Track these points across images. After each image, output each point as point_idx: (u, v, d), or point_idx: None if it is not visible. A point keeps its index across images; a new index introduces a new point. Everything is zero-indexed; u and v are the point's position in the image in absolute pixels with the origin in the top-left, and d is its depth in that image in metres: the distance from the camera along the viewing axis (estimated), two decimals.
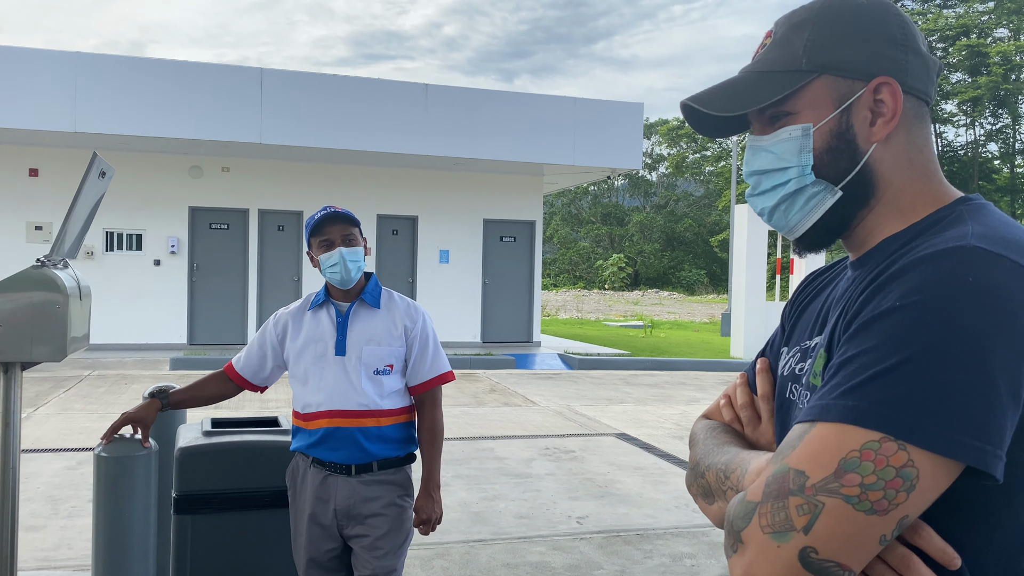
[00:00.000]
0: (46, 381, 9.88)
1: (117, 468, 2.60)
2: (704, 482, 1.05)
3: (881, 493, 0.77)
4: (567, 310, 27.68)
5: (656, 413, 9.06)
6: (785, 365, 1.09)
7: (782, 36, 1.00)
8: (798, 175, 0.99)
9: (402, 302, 2.67)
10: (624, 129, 13.93)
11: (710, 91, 1.03)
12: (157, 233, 13.23)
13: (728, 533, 0.87)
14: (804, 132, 0.98)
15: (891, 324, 0.81)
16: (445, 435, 2.75)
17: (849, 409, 0.80)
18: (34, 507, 5.06)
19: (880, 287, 0.86)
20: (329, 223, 2.56)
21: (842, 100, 0.96)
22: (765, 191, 1.03)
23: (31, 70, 11.30)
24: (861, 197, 0.98)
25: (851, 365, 0.83)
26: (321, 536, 2.55)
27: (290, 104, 12.24)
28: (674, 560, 4.42)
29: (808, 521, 0.79)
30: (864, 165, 0.96)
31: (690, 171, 50.29)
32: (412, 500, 2.63)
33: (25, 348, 2.71)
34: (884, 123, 0.95)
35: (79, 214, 2.92)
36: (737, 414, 1.15)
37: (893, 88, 0.95)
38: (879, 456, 0.78)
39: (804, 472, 0.80)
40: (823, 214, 0.99)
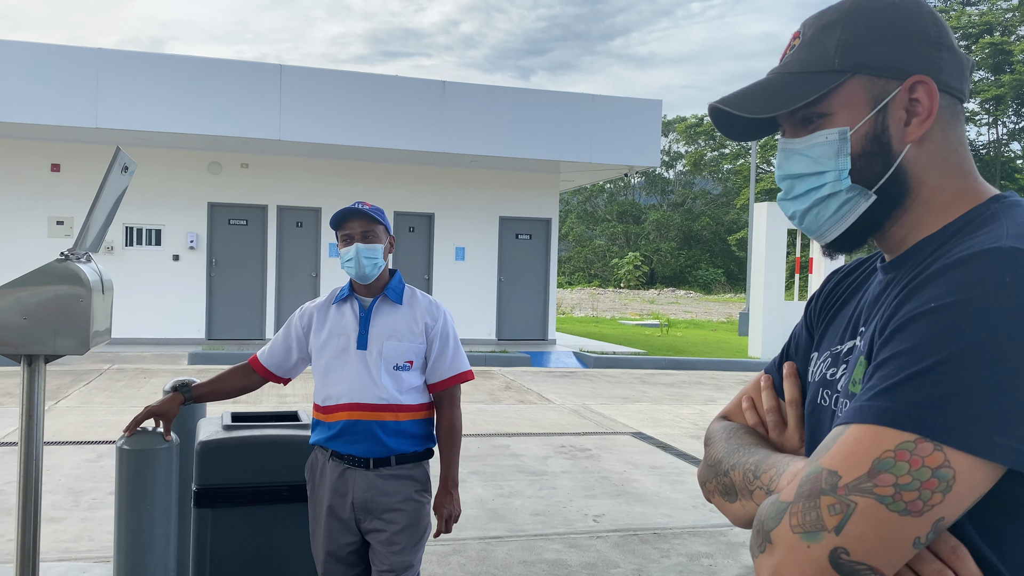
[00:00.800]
0: (67, 374, 9.98)
1: (139, 461, 2.62)
2: (727, 480, 1.04)
3: (916, 494, 0.76)
4: (582, 308, 27.64)
5: (673, 412, 9.03)
6: (815, 370, 1.07)
7: (812, 36, 0.99)
8: (834, 179, 0.97)
9: (424, 299, 2.68)
10: (642, 126, 13.87)
11: (740, 93, 1.00)
12: (176, 228, 13.32)
13: (757, 532, 0.86)
14: (841, 135, 0.96)
15: (927, 325, 0.80)
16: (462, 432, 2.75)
17: (884, 410, 0.79)
18: (55, 499, 5.11)
19: (915, 290, 0.85)
20: (350, 219, 2.61)
21: (877, 100, 0.94)
22: (798, 195, 1.01)
23: (53, 66, 11.41)
24: (896, 199, 0.96)
25: (887, 367, 0.82)
26: (339, 529, 2.56)
27: (309, 101, 12.28)
28: (691, 559, 4.40)
29: (840, 521, 0.78)
30: (898, 167, 0.95)
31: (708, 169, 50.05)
32: (430, 496, 2.64)
33: (48, 341, 2.74)
34: (919, 123, 0.94)
35: (102, 208, 2.94)
36: (762, 418, 1.13)
37: (929, 87, 0.93)
38: (914, 456, 0.76)
39: (837, 472, 0.79)
40: (856, 219, 0.97)
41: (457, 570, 4.14)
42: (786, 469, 0.95)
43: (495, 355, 12.61)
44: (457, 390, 2.68)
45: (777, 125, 1.04)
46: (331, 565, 2.58)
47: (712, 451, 1.11)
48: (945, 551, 0.82)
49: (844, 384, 0.97)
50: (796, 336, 1.17)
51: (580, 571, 4.19)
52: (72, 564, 3.86)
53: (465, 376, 2.67)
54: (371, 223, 2.61)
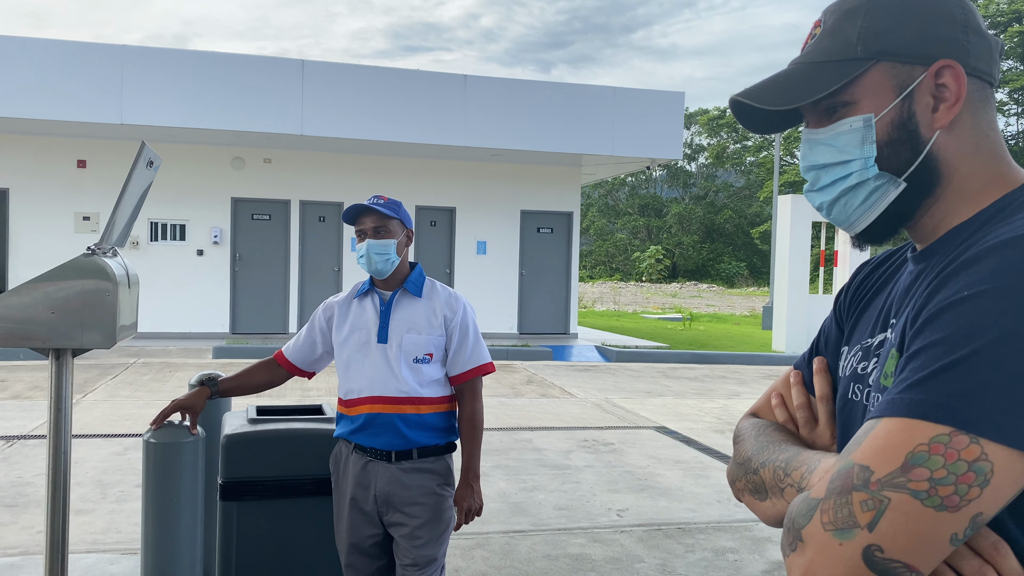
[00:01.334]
0: (93, 368, 10.10)
1: (165, 454, 2.63)
2: (757, 478, 1.02)
3: (952, 488, 0.73)
4: (604, 302, 27.56)
5: (696, 406, 8.97)
6: (846, 365, 1.04)
7: (833, 24, 0.97)
8: (861, 168, 0.95)
9: (444, 292, 2.68)
10: (664, 119, 13.78)
11: (761, 85, 0.99)
12: (200, 223, 13.43)
13: (788, 531, 0.84)
14: (866, 123, 0.94)
15: (960, 314, 0.78)
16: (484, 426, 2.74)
17: (917, 403, 0.76)
18: (83, 491, 5.17)
19: (947, 278, 0.82)
20: (362, 215, 2.63)
21: (902, 87, 0.92)
22: (825, 186, 0.99)
23: (79, 63, 11.52)
24: (926, 187, 0.93)
25: (919, 358, 0.79)
26: (362, 521, 2.57)
27: (330, 96, 12.32)
28: (716, 554, 4.37)
29: (873, 517, 0.75)
30: (928, 154, 0.92)
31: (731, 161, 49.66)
32: (452, 490, 2.63)
33: (76, 335, 2.76)
34: (947, 108, 0.91)
35: (128, 203, 2.96)
36: (792, 415, 1.11)
37: (956, 71, 0.91)
38: (949, 450, 0.74)
39: (869, 467, 0.77)
40: (886, 207, 0.95)
41: (481, 564, 4.14)
42: (817, 466, 0.93)
43: (517, 349, 12.60)
44: (478, 382, 2.67)
45: (800, 116, 1.02)
46: (354, 557, 2.59)
47: (741, 449, 1.09)
48: (985, 547, 0.80)
49: (876, 378, 0.95)
50: (826, 330, 1.15)
51: (604, 565, 4.17)
52: (100, 556, 3.90)
53: (486, 368, 2.66)
54: (383, 218, 2.62)
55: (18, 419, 7.17)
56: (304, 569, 2.94)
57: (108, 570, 3.66)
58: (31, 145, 12.76)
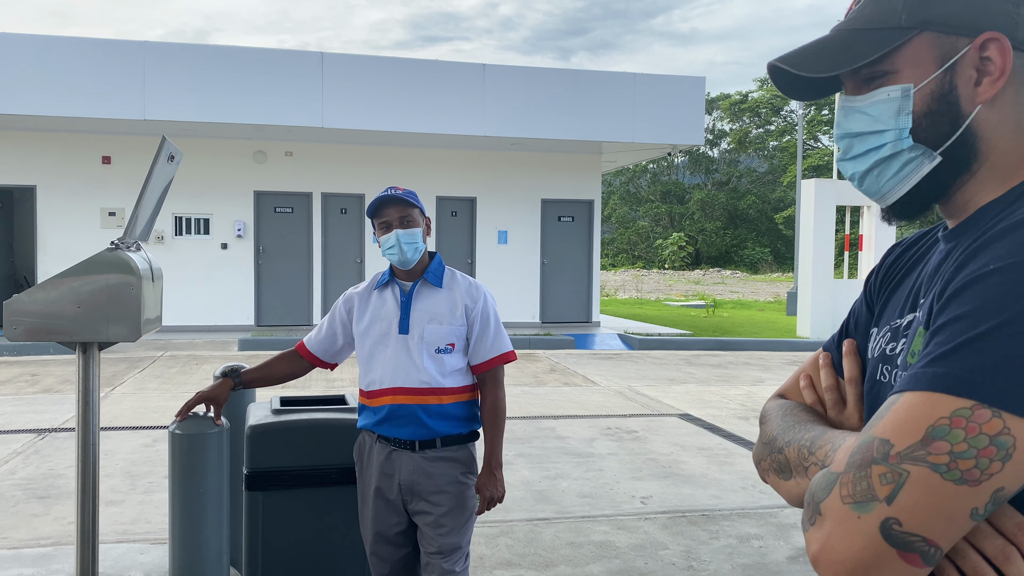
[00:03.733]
0: (121, 362, 10.24)
1: (190, 445, 2.67)
2: (782, 458, 1.01)
3: (973, 462, 0.72)
4: (626, 290, 27.47)
5: (720, 394, 8.93)
6: (876, 347, 1.03)
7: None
8: (895, 139, 0.93)
9: (464, 281, 2.68)
10: (685, 104, 13.67)
11: (800, 51, 0.97)
12: (224, 217, 13.55)
13: (808, 505, 0.83)
14: (904, 93, 0.92)
15: (984, 288, 0.77)
16: (507, 414, 2.74)
17: (939, 376, 0.75)
18: (113, 483, 5.25)
19: (974, 252, 0.81)
20: (386, 206, 2.60)
21: (945, 58, 0.90)
22: (857, 155, 0.97)
23: (101, 60, 11.64)
24: (963, 162, 0.91)
25: (943, 333, 0.78)
26: (386, 511, 2.59)
27: (350, 88, 12.35)
28: (741, 541, 4.35)
29: (892, 490, 0.74)
30: (967, 128, 0.90)
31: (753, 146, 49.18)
32: (475, 478, 2.64)
33: (102, 329, 2.80)
34: (991, 83, 0.89)
35: (150, 197, 2.99)
36: (820, 396, 1.10)
37: (1002, 44, 0.88)
38: (971, 423, 0.73)
39: (889, 440, 0.76)
40: (919, 181, 0.93)
41: (505, 551, 4.16)
42: (842, 444, 0.92)
43: (539, 338, 12.60)
44: (500, 371, 2.67)
45: (839, 84, 1.00)
46: (379, 546, 2.61)
47: (767, 429, 1.09)
48: (1009, 527, 0.79)
49: (903, 357, 0.93)
50: (856, 312, 1.14)
51: (628, 553, 4.17)
52: (130, 546, 3.97)
53: (507, 356, 2.66)
54: (407, 207, 2.61)
55: (49, 412, 7.30)
56: (329, 557, 2.98)
57: (138, 559, 3.72)
58: (56, 142, 12.93)
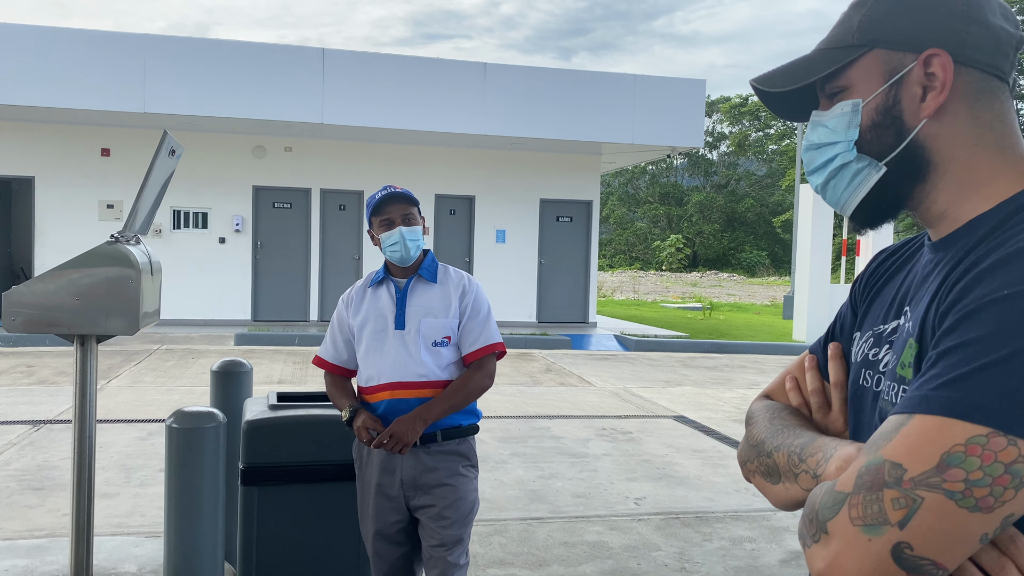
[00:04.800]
0: (118, 355, 10.24)
1: (187, 439, 2.68)
2: (770, 462, 1.02)
3: (988, 490, 0.74)
4: (623, 291, 27.49)
5: (715, 396, 8.95)
6: (859, 351, 1.05)
7: (845, 15, 1.01)
8: (844, 150, 0.98)
9: (456, 275, 2.71)
10: (685, 106, 13.69)
11: (774, 71, 1.04)
12: (222, 212, 13.54)
13: (811, 522, 0.84)
14: (854, 107, 0.97)
15: (1000, 313, 0.77)
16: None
17: (953, 402, 0.76)
18: (108, 475, 5.25)
19: (982, 275, 0.82)
20: (389, 203, 2.62)
21: (892, 74, 0.94)
22: (817, 167, 1.02)
23: (102, 53, 11.63)
24: (913, 173, 0.95)
25: (954, 355, 0.78)
26: (388, 508, 2.59)
27: (351, 84, 12.35)
28: (734, 544, 4.37)
29: (905, 515, 0.75)
30: (912, 141, 0.94)
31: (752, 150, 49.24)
32: (476, 471, 2.66)
33: (100, 321, 2.81)
34: (934, 97, 0.92)
35: (150, 191, 3.00)
36: (805, 399, 1.12)
37: (943, 60, 0.91)
38: (986, 451, 0.74)
39: (902, 465, 0.77)
40: (870, 190, 0.97)
41: (498, 550, 4.17)
42: (834, 454, 0.93)
43: (536, 338, 12.62)
44: (489, 361, 2.64)
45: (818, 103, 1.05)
46: (380, 543, 2.61)
47: (754, 431, 1.10)
48: (1003, 539, 0.80)
49: (892, 366, 0.94)
50: (842, 316, 1.16)
51: (621, 553, 4.19)
52: (125, 539, 3.97)
53: (496, 347, 2.65)
54: (409, 205, 2.64)
55: (45, 404, 7.30)
56: (324, 553, 2.99)
57: (132, 552, 3.73)
58: (56, 134, 12.91)
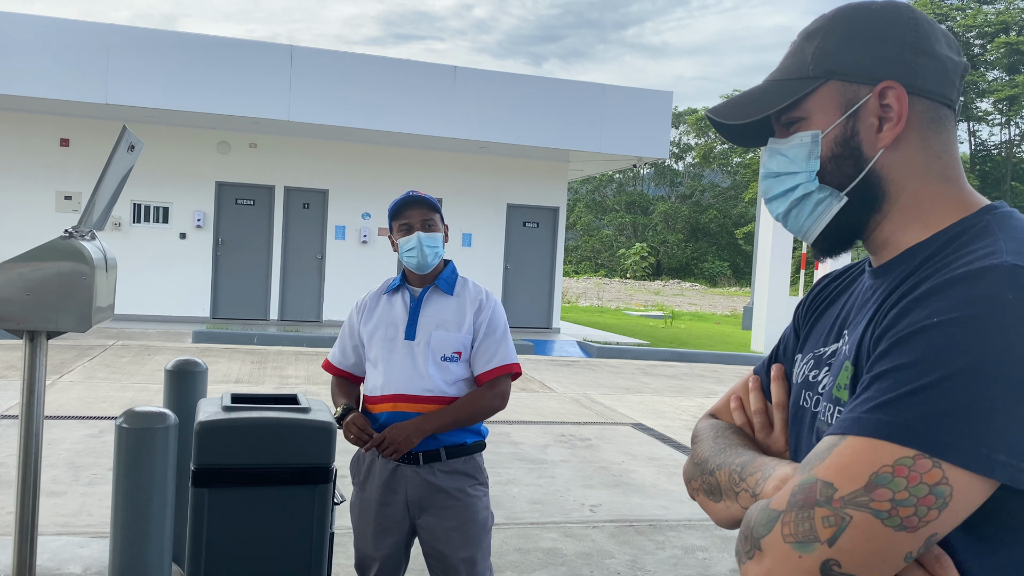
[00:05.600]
0: (71, 349, 10.03)
1: (138, 439, 2.63)
2: (713, 480, 1.04)
3: (912, 510, 0.76)
4: (587, 297, 27.63)
5: (673, 404, 9.03)
6: (799, 372, 1.08)
7: (796, 46, 1.02)
8: (805, 180, 1.00)
9: (475, 289, 2.62)
10: (652, 117, 13.82)
11: (728, 102, 1.05)
12: (183, 207, 13.34)
13: (746, 539, 0.86)
14: (813, 139, 0.99)
15: (929, 340, 0.80)
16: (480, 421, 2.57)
17: (883, 424, 0.79)
18: (56, 473, 5.14)
19: (914, 303, 0.84)
20: (409, 207, 2.54)
21: (848, 105, 0.96)
22: (777, 195, 1.04)
23: (64, 41, 11.40)
24: (871, 203, 0.97)
25: (886, 380, 0.81)
26: (389, 529, 2.51)
27: (319, 82, 12.26)
28: (686, 552, 4.42)
29: (834, 533, 0.78)
30: (870, 171, 0.96)
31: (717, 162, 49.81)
32: (485, 489, 2.56)
33: (51, 317, 2.75)
34: (891, 128, 0.95)
35: (107, 187, 2.95)
36: (749, 418, 1.14)
37: (898, 92, 0.94)
38: (912, 473, 0.76)
39: (833, 484, 0.79)
40: (831, 219, 1.00)
41: None
42: (772, 473, 0.95)
43: None
44: (503, 381, 2.54)
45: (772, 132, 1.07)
46: (379, 564, 2.53)
47: (699, 449, 1.12)
48: (928, 559, 0.82)
49: (828, 388, 0.97)
50: (785, 338, 1.18)
51: (575, 560, 4.21)
52: (70, 539, 3.89)
53: (511, 368, 2.55)
54: (430, 211, 2.55)
55: None
56: (273, 557, 2.95)
57: (77, 553, 3.65)
58: (14, 122, 12.62)
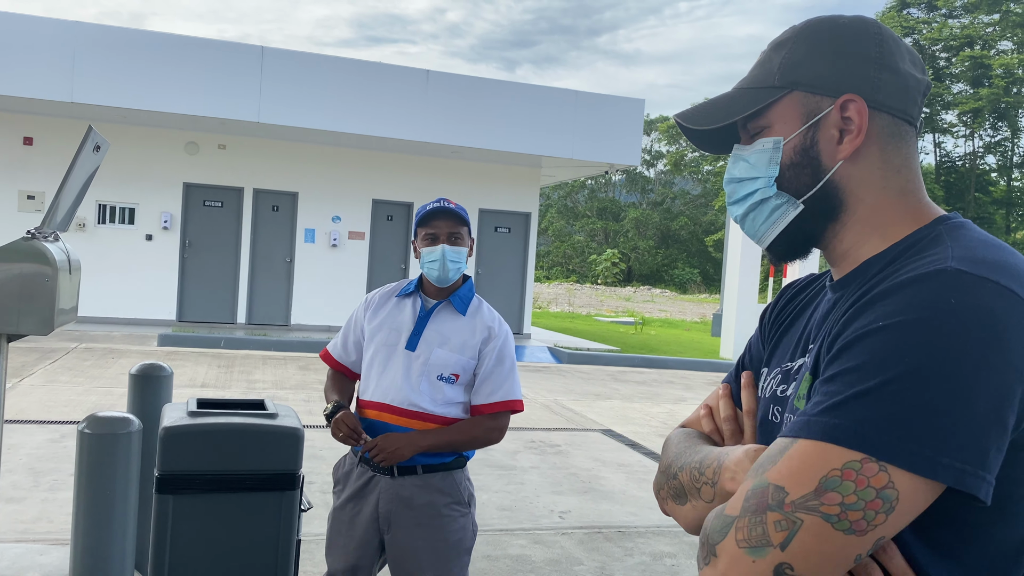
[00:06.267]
0: (32, 352, 9.83)
1: (100, 445, 2.58)
2: (676, 483, 1.05)
3: (860, 514, 0.78)
4: (558, 303, 27.69)
5: (643, 411, 9.07)
6: (766, 386, 1.09)
7: (765, 55, 1.04)
8: (764, 186, 1.02)
9: (488, 315, 2.52)
10: (624, 125, 13.90)
11: (696, 108, 1.07)
12: (150, 208, 13.15)
13: (703, 545, 0.87)
14: (775, 145, 1.00)
15: (873, 344, 0.82)
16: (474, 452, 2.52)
17: (831, 427, 0.80)
18: (15, 479, 5.03)
19: (862, 308, 0.86)
20: (438, 217, 2.46)
21: (810, 116, 0.98)
22: (738, 200, 1.05)
23: (29, 38, 11.19)
24: (827, 212, 0.99)
25: (834, 383, 0.83)
26: (360, 540, 2.45)
27: (290, 84, 12.16)
28: (654, 559, 4.43)
29: (786, 537, 0.79)
30: (828, 181, 0.98)
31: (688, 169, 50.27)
32: (462, 508, 2.46)
33: (12, 320, 2.69)
34: (850, 140, 0.96)
35: (72, 187, 2.89)
36: (718, 426, 1.15)
37: (859, 105, 0.96)
38: (860, 476, 0.78)
39: (784, 488, 0.80)
40: (786, 226, 1.01)
41: None
42: (726, 459, 0.97)
43: None
44: (503, 417, 2.46)
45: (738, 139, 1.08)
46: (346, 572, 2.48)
47: (664, 457, 1.13)
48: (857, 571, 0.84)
49: (791, 400, 0.98)
50: (751, 347, 1.19)
51: (544, 567, 4.20)
52: (30, 546, 3.80)
53: (514, 405, 2.46)
54: (458, 224, 2.46)
55: None
56: (238, 565, 2.91)
57: (37, 560, 3.57)
58: None
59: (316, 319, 13.79)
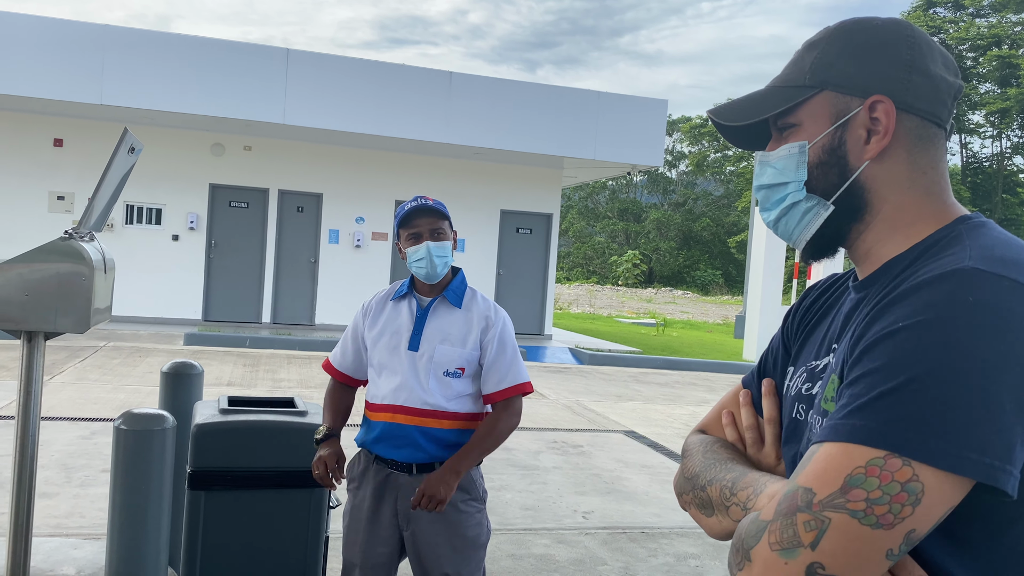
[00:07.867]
0: (62, 350, 9.99)
1: (136, 442, 2.64)
2: (704, 495, 1.07)
3: (886, 507, 0.79)
4: (579, 304, 27.66)
5: (665, 412, 9.06)
6: (792, 385, 1.10)
7: (799, 55, 1.05)
8: (794, 190, 1.03)
9: (484, 303, 2.56)
10: (647, 125, 13.87)
11: (729, 103, 1.08)
12: (177, 208, 13.31)
13: (737, 551, 0.89)
14: (801, 149, 1.02)
15: (894, 345, 0.83)
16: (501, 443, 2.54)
17: (855, 428, 0.82)
18: (48, 474, 5.12)
19: (883, 309, 0.88)
20: (418, 215, 2.49)
21: (839, 116, 0.99)
22: (769, 206, 1.07)
23: (59, 41, 11.38)
24: (853, 212, 1.00)
25: (857, 386, 0.85)
26: (378, 537, 2.49)
27: (315, 86, 12.27)
28: (679, 560, 4.43)
29: (815, 537, 0.80)
30: (854, 181, 0.99)
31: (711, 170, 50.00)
32: (478, 504, 2.52)
33: (49, 319, 2.75)
34: (878, 141, 0.98)
35: (107, 188, 2.95)
36: (741, 434, 1.16)
37: (887, 106, 0.97)
38: (884, 472, 0.79)
39: (811, 489, 0.82)
40: (819, 227, 1.03)
41: None
42: (763, 490, 0.98)
43: None
44: (516, 402, 2.51)
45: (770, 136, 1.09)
46: (365, 570, 2.51)
47: (689, 464, 1.14)
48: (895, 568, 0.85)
49: (818, 400, 1.00)
50: (773, 349, 1.20)
51: (568, 567, 4.22)
52: (64, 540, 3.88)
53: (523, 387, 2.51)
54: (438, 219, 2.50)
55: None
56: (268, 560, 2.96)
57: (71, 554, 3.64)
58: (7, 122, 12.57)
59: (340, 319, 13.88)
